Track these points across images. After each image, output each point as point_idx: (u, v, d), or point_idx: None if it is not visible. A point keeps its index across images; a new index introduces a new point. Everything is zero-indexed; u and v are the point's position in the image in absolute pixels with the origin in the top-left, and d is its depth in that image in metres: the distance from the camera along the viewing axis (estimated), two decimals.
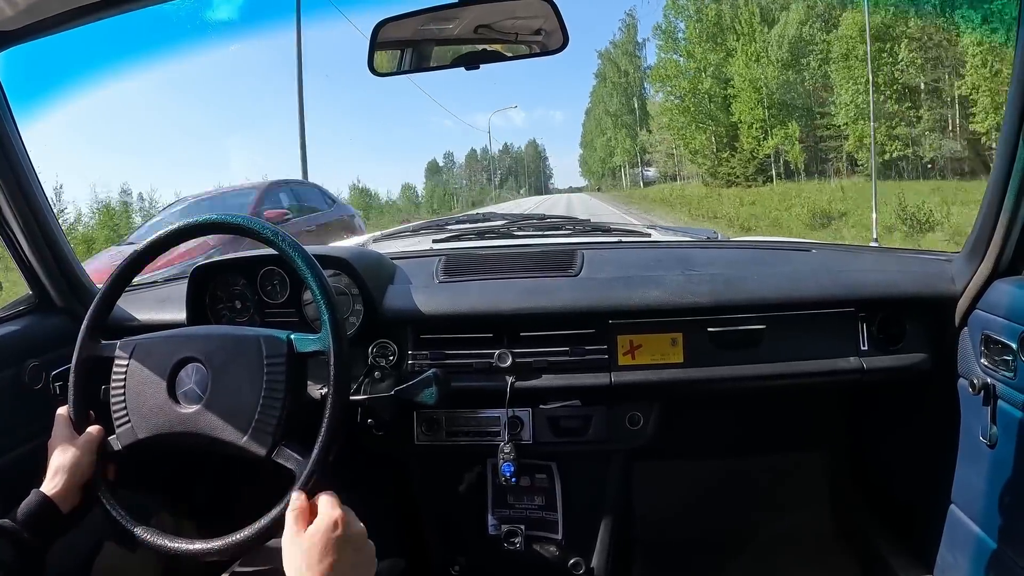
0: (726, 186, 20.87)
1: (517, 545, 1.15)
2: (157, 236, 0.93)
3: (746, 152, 20.58)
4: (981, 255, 0.97)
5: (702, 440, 1.48)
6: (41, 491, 0.81)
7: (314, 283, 0.83)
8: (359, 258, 1.12)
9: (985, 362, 0.96)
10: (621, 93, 31.60)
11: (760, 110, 19.98)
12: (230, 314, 1.18)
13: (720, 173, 21.54)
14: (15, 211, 1.08)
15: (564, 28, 1.01)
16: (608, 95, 32.71)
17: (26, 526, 0.78)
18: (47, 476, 0.83)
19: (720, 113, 21.52)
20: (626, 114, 31.94)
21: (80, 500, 0.85)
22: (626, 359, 1.08)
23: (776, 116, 19.82)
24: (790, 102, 19.57)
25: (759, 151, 20.36)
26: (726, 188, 20.63)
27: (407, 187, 36.74)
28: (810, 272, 1.14)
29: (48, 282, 1.16)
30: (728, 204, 17.17)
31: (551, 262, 1.19)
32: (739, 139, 20.74)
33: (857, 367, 1.07)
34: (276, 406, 0.82)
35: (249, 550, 0.81)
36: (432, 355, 1.10)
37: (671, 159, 28.17)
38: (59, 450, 0.85)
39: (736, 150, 20.99)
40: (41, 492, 0.81)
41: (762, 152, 20.32)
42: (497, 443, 1.09)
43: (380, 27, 1.05)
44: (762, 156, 20.41)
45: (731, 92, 20.88)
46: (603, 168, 36.75)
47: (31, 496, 0.81)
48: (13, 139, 1.07)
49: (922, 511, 1.17)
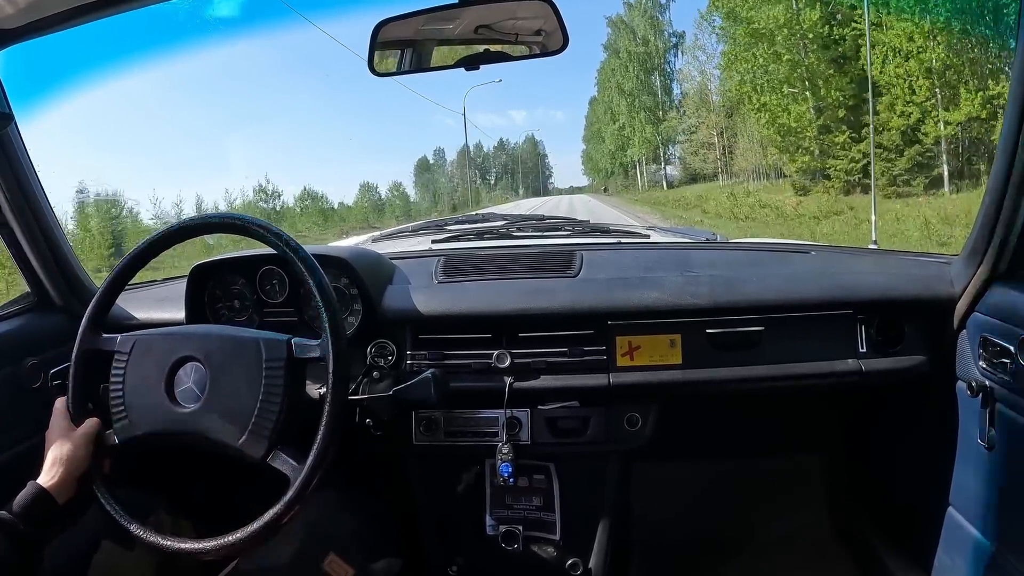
0: (844, 192, 12.93)
1: (515, 546, 1.14)
2: (159, 234, 0.93)
3: (894, 132, 12.10)
4: (980, 258, 0.97)
5: (700, 441, 1.48)
6: (38, 483, 0.82)
7: (314, 283, 0.84)
8: (358, 258, 1.12)
9: (984, 365, 0.96)
10: (639, 67, 23.23)
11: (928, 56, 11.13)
12: (229, 313, 1.18)
13: (836, 170, 13.14)
14: (15, 209, 1.08)
15: (564, 29, 1.01)
16: (622, 70, 24.01)
17: (22, 517, 0.79)
18: (44, 468, 0.83)
19: (832, 72, 13.07)
20: (645, 94, 23.53)
21: (76, 493, 0.85)
22: (625, 360, 1.08)
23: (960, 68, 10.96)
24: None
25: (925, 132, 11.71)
26: (848, 195, 12.77)
27: (394, 186, 32.30)
28: (809, 274, 1.14)
29: (47, 281, 1.16)
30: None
31: (550, 263, 1.19)
32: (861, 114, 12.58)
33: (856, 369, 1.07)
34: (273, 410, 0.82)
35: (243, 551, 0.82)
36: (431, 355, 1.10)
37: (708, 152, 20.22)
38: (56, 442, 0.85)
39: (859, 133, 12.71)
40: (37, 484, 0.82)
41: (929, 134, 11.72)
42: (495, 444, 1.09)
43: (380, 27, 1.05)
44: (930, 140, 11.80)
45: (854, 32, 12.44)
46: (612, 164, 28.20)
47: (28, 488, 0.81)
48: (13, 137, 1.07)
49: (920, 513, 1.17)
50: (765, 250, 1.33)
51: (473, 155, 40.27)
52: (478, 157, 41.52)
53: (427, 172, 36.77)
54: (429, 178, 36.43)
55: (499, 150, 42.13)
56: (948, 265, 1.09)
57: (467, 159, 38.66)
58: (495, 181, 41.21)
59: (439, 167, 38.19)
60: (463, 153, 39.15)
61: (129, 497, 0.87)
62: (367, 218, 27.40)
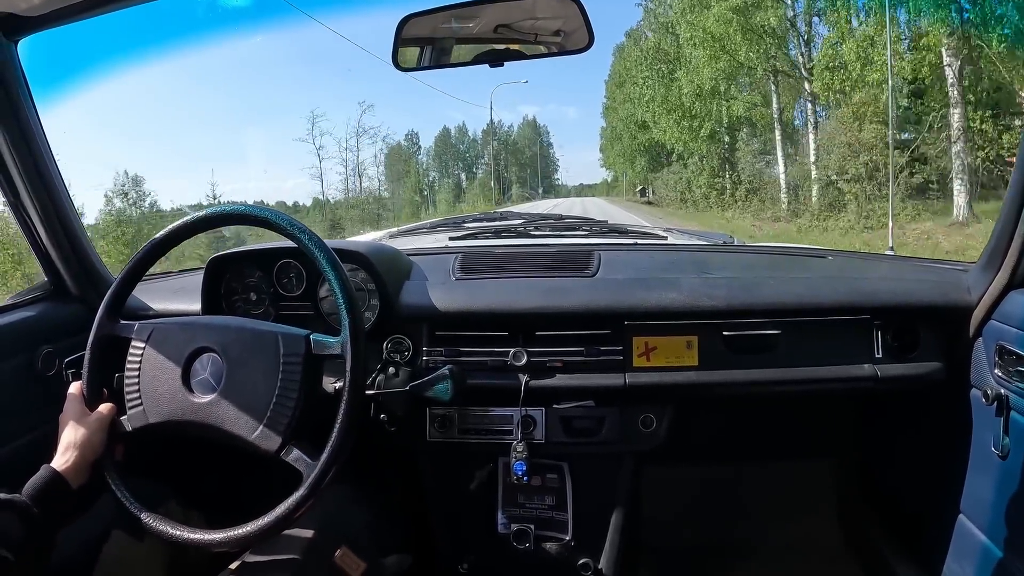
0: None
1: (526, 545, 1.14)
2: (178, 225, 0.93)
3: None
4: (997, 266, 0.98)
5: (713, 445, 1.48)
6: (51, 466, 0.82)
7: (335, 280, 0.84)
8: (376, 253, 1.12)
9: (999, 373, 0.96)
10: None
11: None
12: (245, 306, 1.18)
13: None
14: (34, 198, 1.08)
15: (589, 27, 1.01)
16: None
17: (35, 500, 0.78)
18: (57, 452, 0.83)
19: None
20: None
21: (89, 477, 0.85)
22: (641, 361, 1.08)
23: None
24: None
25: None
26: None
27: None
28: (826, 279, 1.14)
29: (64, 269, 1.16)
30: None
31: (568, 262, 1.19)
32: None
33: (871, 375, 1.07)
34: (289, 405, 0.82)
35: (255, 544, 0.81)
36: (447, 352, 1.10)
37: None
38: (70, 426, 0.85)
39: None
40: (51, 467, 0.82)
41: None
42: (509, 442, 1.09)
43: (405, 22, 1.05)
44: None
45: None
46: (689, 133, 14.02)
47: (41, 471, 0.81)
48: (34, 125, 1.07)
49: (930, 521, 1.17)
50: (782, 254, 1.33)
51: (454, 141, 30.22)
52: (460, 144, 30.81)
53: (400, 162, 27.93)
54: (401, 169, 27.80)
55: (490, 136, 31.54)
56: (965, 272, 1.10)
57: (492, 172, 29.95)
58: (488, 176, 29.75)
59: (413, 156, 28.98)
60: (444, 139, 29.69)
61: (140, 487, 0.87)
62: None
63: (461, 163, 31.04)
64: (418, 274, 1.18)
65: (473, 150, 31.34)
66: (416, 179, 28.49)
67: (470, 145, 31.72)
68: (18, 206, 1.10)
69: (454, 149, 31.13)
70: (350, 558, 1.08)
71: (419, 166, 28.80)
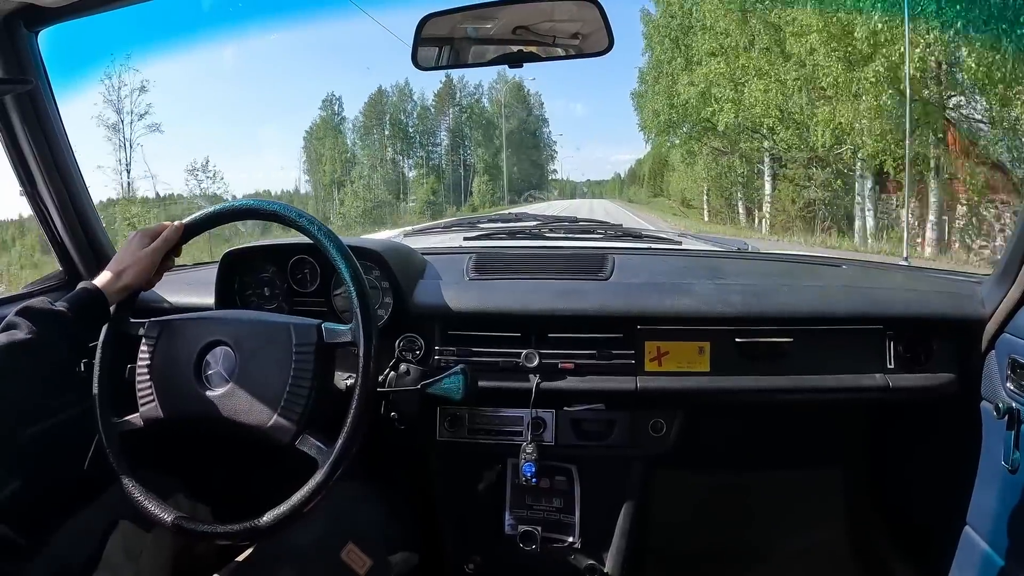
0: None
1: (533, 546, 1.14)
2: (193, 218, 0.93)
3: None
4: (1012, 279, 0.97)
5: (722, 451, 1.47)
6: (93, 283, 0.85)
7: (348, 274, 0.84)
8: (391, 251, 1.13)
9: (1011, 386, 0.96)
10: None
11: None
12: (258, 300, 1.18)
13: None
14: (50, 187, 1.09)
15: (610, 30, 1.01)
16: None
17: (73, 311, 0.82)
18: (103, 272, 0.86)
19: None
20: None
21: (127, 298, 0.89)
22: (652, 365, 1.08)
23: None
24: None
25: None
26: None
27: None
28: (840, 288, 1.14)
29: (78, 259, 1.16)
30: None
31: (582, 265, 1.19)
32: None
33: (882, 384, 1.07)
34: (303, 394, 0.82)
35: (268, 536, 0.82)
36: (459, 351, 1.10)
37: None
38: (126, 251, 0.88)
39: None
40: (93, 284, 0.85)
41: None
42: (519, 443, 1.09)
43: (425, 22, 1.05)
44: None
45: None
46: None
47: (81, 286, 0.85)
48: (52, 116, 1.07)
49: (938, 533, 1.16)
50: (796, 262, 1.33)
51: (389, 106, 18.96)
52: (400, 111, 19.12)
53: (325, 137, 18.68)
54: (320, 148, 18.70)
55: (447, 102, 19.78)
56: (979, 285, 1.09)
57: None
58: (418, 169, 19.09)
59: (337, 130, 18.91)
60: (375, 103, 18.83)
61: (149, 479, 0.88)
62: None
63: (403, 142, 19.43)
64: (432, 273, 1.18)
65: (424, 123, 19.76)
66: (334, 164, 18.68)
67: (421, 116, 19.93)
68: (35, 195, 1.10)
69: (402, 125, 19.58)
70: (357, 554, 1.08)
71: (341, 144, 19.00)
